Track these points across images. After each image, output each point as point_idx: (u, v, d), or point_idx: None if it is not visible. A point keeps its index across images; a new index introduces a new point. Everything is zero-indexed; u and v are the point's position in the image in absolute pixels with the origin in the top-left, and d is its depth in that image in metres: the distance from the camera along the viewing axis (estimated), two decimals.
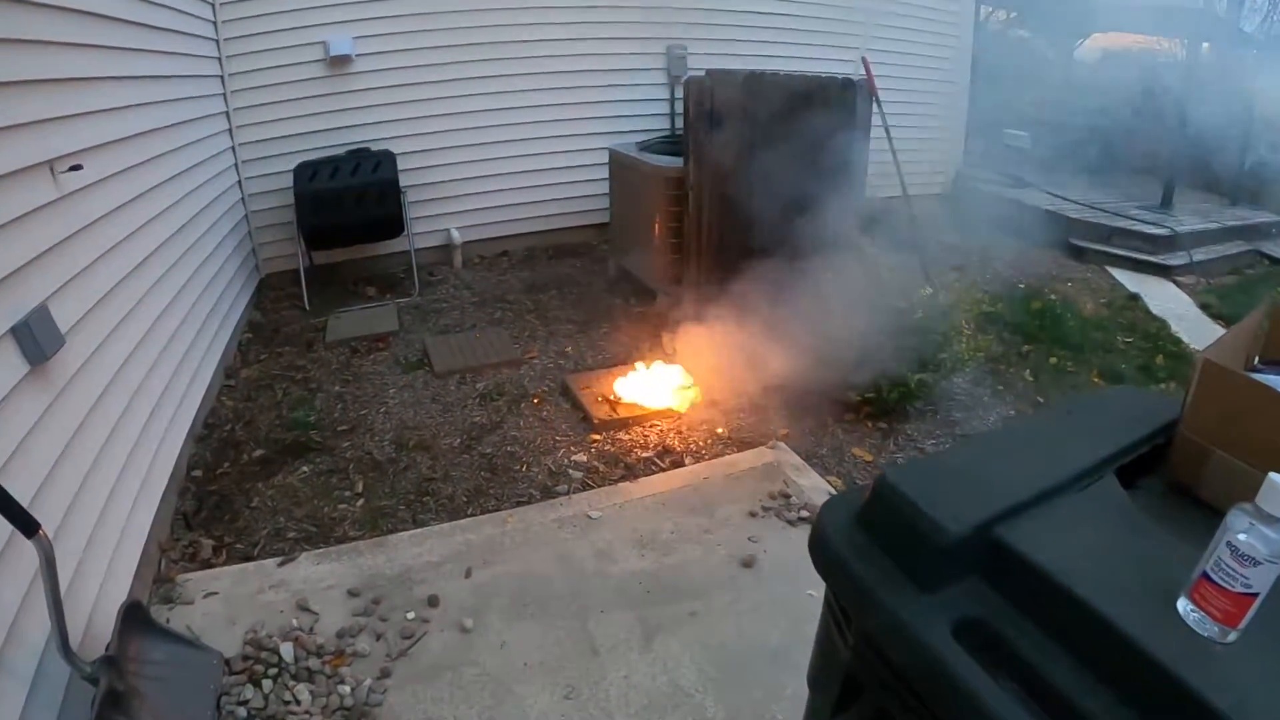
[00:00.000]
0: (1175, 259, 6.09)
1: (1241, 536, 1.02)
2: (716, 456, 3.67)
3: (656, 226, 4.90)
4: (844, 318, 4.17)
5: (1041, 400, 4.25)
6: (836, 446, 3.81)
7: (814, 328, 4.59)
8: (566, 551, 3.06)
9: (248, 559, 2.99)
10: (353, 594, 2.80)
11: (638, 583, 2.92)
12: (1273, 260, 6.37)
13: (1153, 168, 7.50)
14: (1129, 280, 6.02)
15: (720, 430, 3.87)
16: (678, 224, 4.76)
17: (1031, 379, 4.38)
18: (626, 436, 3.79)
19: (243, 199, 5.37)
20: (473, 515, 3.26)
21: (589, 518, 3.23)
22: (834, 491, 3.40)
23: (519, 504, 3.34)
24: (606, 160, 5.63)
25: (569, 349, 4.72)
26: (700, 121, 4.27)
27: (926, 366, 3.93)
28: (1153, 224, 6.34)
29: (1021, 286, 5.72)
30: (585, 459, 3.62)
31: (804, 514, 3.26)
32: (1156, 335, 5.08)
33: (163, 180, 3.75)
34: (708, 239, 4.51)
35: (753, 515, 3.27)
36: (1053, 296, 5.45)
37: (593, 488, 3.43)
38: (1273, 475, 1.01)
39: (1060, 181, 7.42)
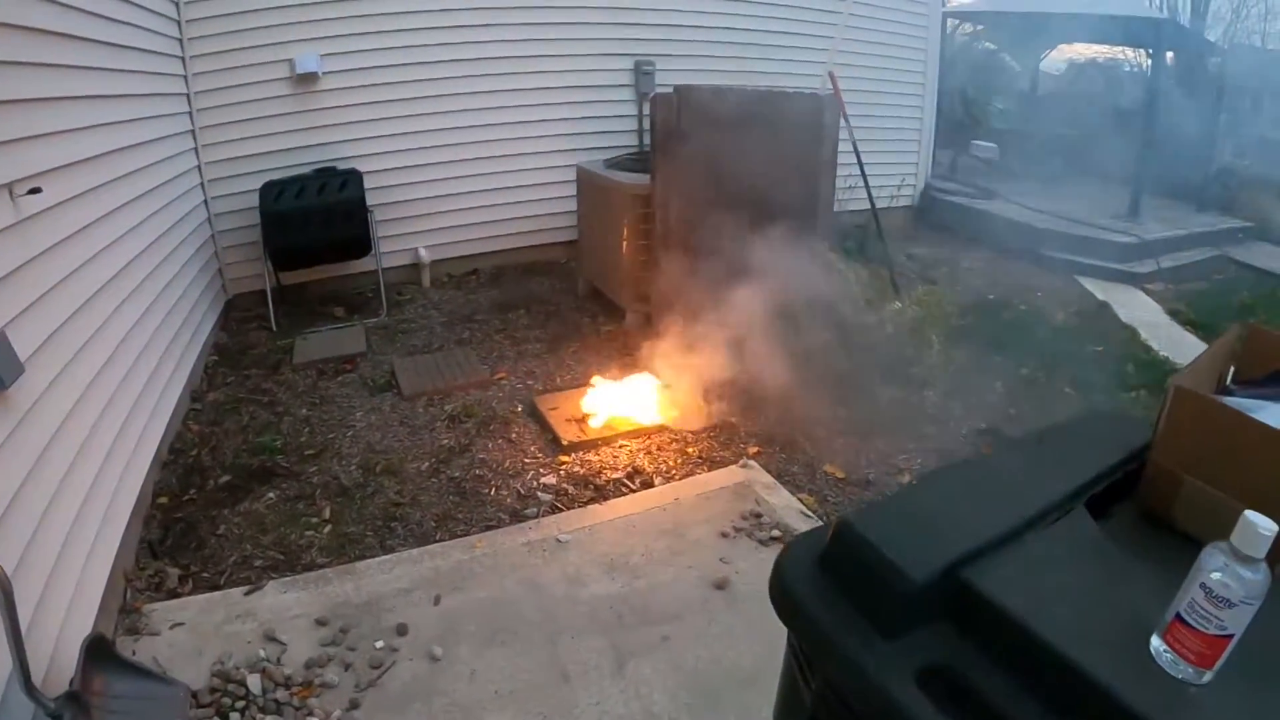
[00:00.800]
0: (1143, 266, 6.13)
1: (1215, 576, 0.98)
2: (687, 476, 3.61)
3: (624, 244, 4.85)
4: (813, 334, 4.15)
5: (1013, 412, 4.24)
6: (808, 463, 3.77)
7: (783, 345, 4.57)
8: (536, 576, 2.98)
9: (214, 588, 2.89)
10: (320, 623, 2.71)
11: (609, 607, 2.85)
12: (1240, 265, 6.43)
13: (1119, 176, 7.60)
14: (1098, 289, 6.05)
15: (690, 450, 3.82)
16: (645, 241, 4.72)
17: (1002, 390, 4.36)
18: (596, 458, 3.73)
19: (209, 219, 5.25)
20: (441, 540, 3.17)
21: (558, 541, 3.16)
22: (805, 511, 3.36)
23: (488, 528, 3.25)
24: (574, 178, 5.59)
25: (538, 369, 4.65)
26: (667, 138, 4.23)
27: (897, 381, 3.90)
28: (1120, 232, 6.39)
29: (991, 298, 5.74)
30: (554, 481, 3.55)
31: (775, 534, 3.21)
32: (1127, 343, 5.10)
33: (126, 201, 3.63)
34: (675, 257, 4.46)
35: (724, 536, 3.21)
36: (1022, 307, 5.47)
37: (562, 510, 3.36)
38: (1248, 514, 0.97)
39: (1028, 191, 7.47)
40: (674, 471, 3.65)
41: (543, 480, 3.55)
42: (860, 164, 5.22)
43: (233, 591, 2.87)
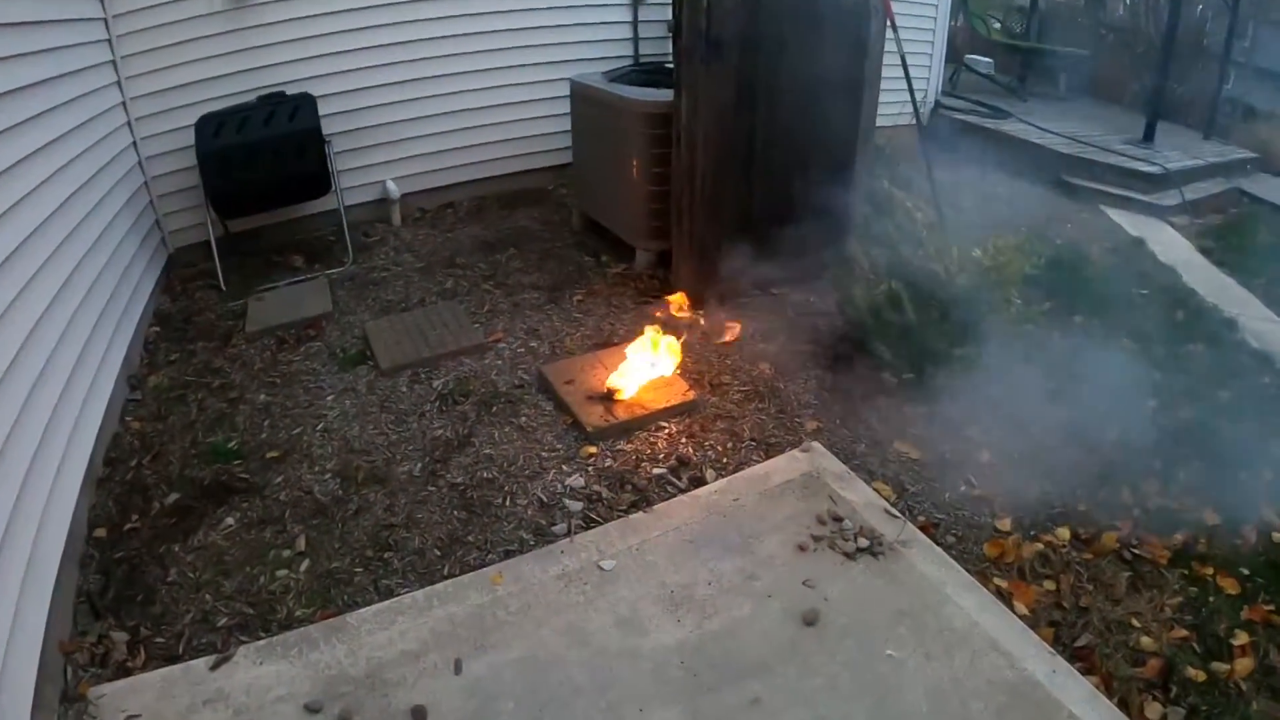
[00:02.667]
0: (1168, 199, 5.49)
1: None
2: (741, 465, 2.87)
3: (635, 172, 3.94)
4: (869, 282, 3.38)
5: (1079, 368, 3.57)
6: (875, 440, 3.06)
7: (831, 295, 3.81)
8: (580, 622, 2.25)
9: (172, 659, 2.14)
10: (312, 709, 1.97)
11: (678, 661, 2.14)
12: (1252, 199, 5.85)
13: (1127, 98, 6.83)
14: (1126, 221, 5.37)
15: (741, 428, 3.06)
16: (662, 169, 3.81)
17: (1060, 340, 3.64)
18: (630, 446, 2.94)
19: (139, 163, 4.11)
20: (451, 575, 2.40)
21: (601, 569, 2.41)
22: (889, 509, 2.66)
23: (508, 554, 2.48)
24: (564, 94, 4.56)
25: (540, 326, 3.77)
26: (695, 47, 3.28)
27: (969, 338, 3.19)
28: (1143, 160, 5.70)
29: (1023, 230, 5.00)
30: (583, 482, 2.76)
31: (863, 543, 2.51)
32: (1171, 287, 4.43)
33: (25, 155, 2.68)
34: (702, 188, 3.59)
35: (802, 549, 2.50)
36: (1058, 241, 4.75)
37: (598, 523, 2.60)
38: None
39: (1033, 111, 6.69)
40: (725, 460, 2.90)
41: (568, 482, 2.76)
42: (908, 76, 4.32)
43: (196, 664, 2.10)
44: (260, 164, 4.05)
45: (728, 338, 3.58)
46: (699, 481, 2.78)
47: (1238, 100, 6.76)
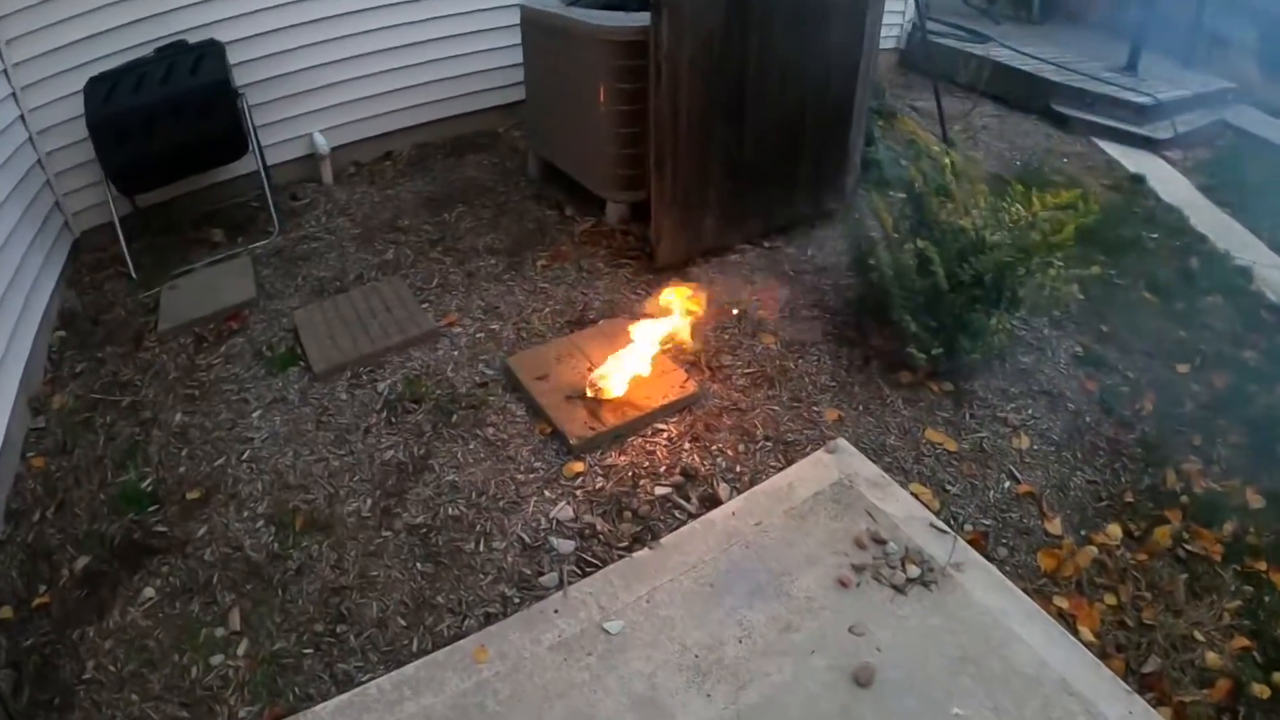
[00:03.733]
0: (1161, 131, 4.96)
1: None
2: (759, 474, 2.36)
3: (602, 113, 3.24)
4: (889, 239, 2.83)
5: (1105, 328, 3.13)
6: (904, 428, 2.58)
7: (847, 249, 3.26)
8: (588, 708, 1.77)
9: None
10: None
11: None
12: (1237, 131, 5.39)
13: (1104, 22, 6.19)
14: (1121, 155, 4.83)
15: (751, 423, 2.53)
16: (633, 108, 3.14)
17: (1082, 297, 3.18)
18: (624, 459, 2.40)
19: (30, 139, 3.26)
20: (422, 651, 1.89)
21: (606, 632, 1.92)
22: (936, 522, 2.22)
23: (488, 617, 1.97)
24: (514, 22, 3.74)
25: (501, 302, 3.13)
26: None
27: (1005, 306, 2.70)
28: (1133, 90, 5.14)
29: (1018, 164, 4.47)
30: (572, 512, 2.23)
31: (912, 572, 2.06)
32: (1180, 230, 3.97)
33: None
34: (688, 129, 2.94)
35: (844, 585, 2.05)
36: (1057, 179, 4.20)
37: (595, 566, 2.08)
38: None
39: (1008, 35, 6.04)
40: (739, 467, 2.39)
41: (554, 513, 2.22)
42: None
43: None
44: (161, 128, 3.23)
45: (721, 307, 3.04)
46: (711, 500, 2.27)
47: (1211, 29, 6.20)
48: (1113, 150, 4.80)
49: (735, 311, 3.00)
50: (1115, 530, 2.31)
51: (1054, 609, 2.06)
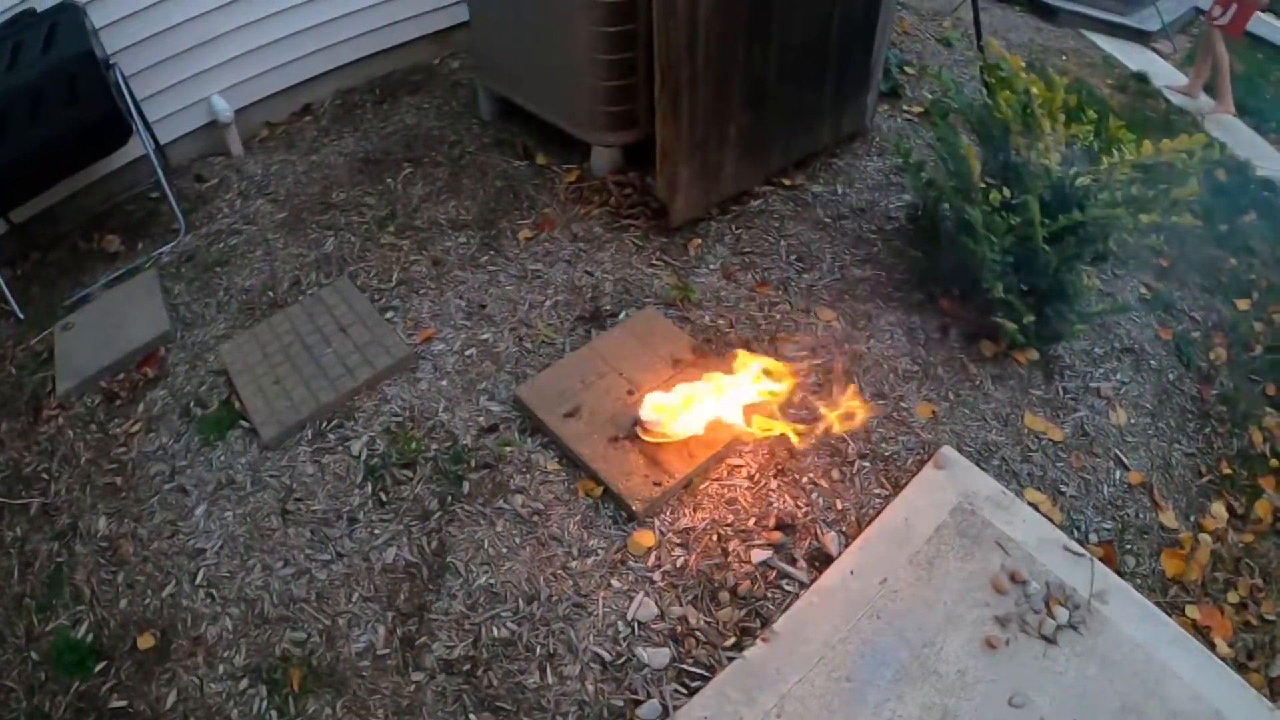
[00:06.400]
0: (1148, 22, 4.34)
1: None
2: (865, 509, 1.81)
3: (581, 32, 2.40)
4: (962, 190, 2.20)
5: (1163, 263, 2.66)
6: (1002, 416, 2.07)
7: (910, 188, 2.59)
8: None
9: None
10: None
11: None
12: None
13: None
14: (1116, 50, 4.19)
15: (843, 442, 1.95)
16: (625, 26, 2.31)
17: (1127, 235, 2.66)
18: (701, 516, 1.79)
19: None
20: None
21: None
22: (1069, 545, 1.78)
23: None
24: None
25: (487, 296, 2.35)
26: None
27: (1093, 260, 2.17)
28: None
29: (1025, 65, 3.76)
30: (655, 607, 1.64)
31: (1060, 614, 1.66)
32: (1185, 165, 3.46)
33: None
34: (707, 49, 2.16)
35: (993, 647, 1.62)
36: (1064, 78, 3.59)
37: (702, 678, 1.54)
38: None
39: None
40: (840, 501, 1.83)
41: (631, 612, 1.63)
42: None
43: None
44: (14, 129, 2.27)
45: (762, 278, 2.37)
46: (821, 558, 1.72)
47: None
48: (1105, 44, 4.20)
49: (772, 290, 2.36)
50: (1220, 510, 2.06)
51: (1189, 622, 1.81)
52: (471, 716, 1.51)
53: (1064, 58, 3.96)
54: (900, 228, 2.57)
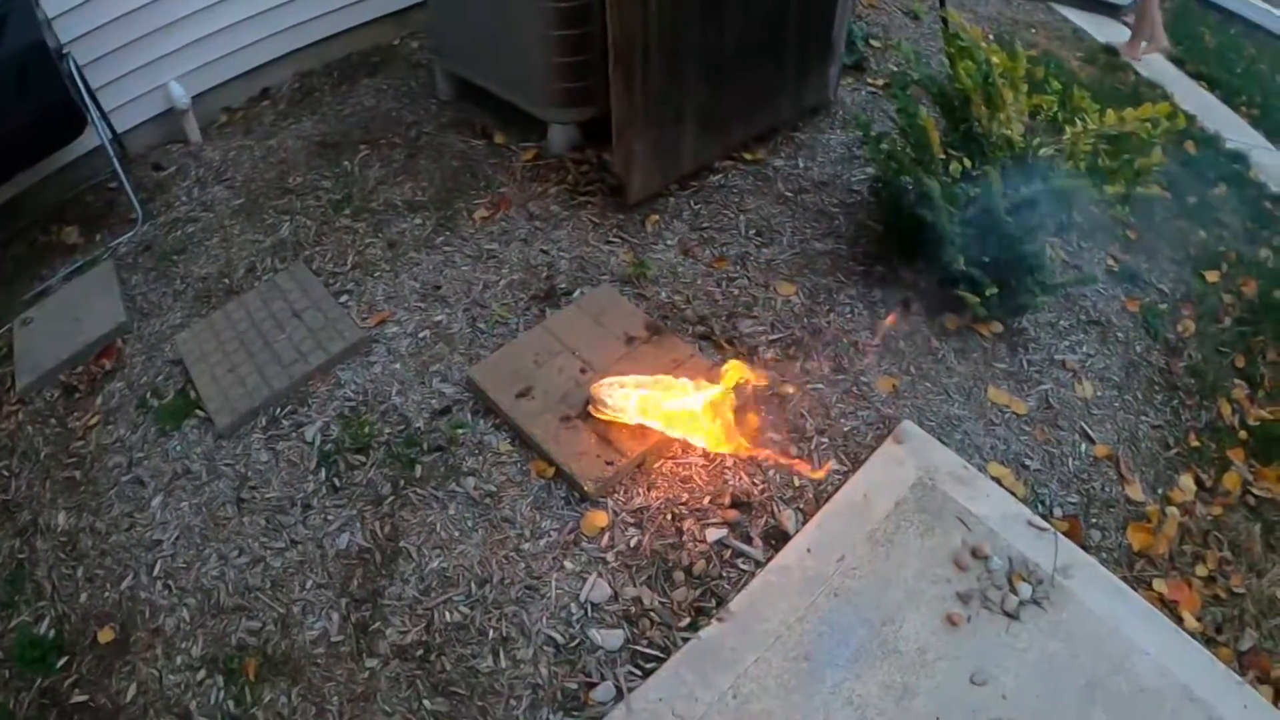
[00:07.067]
0: None
1: None
2: (823, 486, 1.78)
3: (532, 4, 2.31)
4: (923, 162, 2.15)
5: (1131, 235, 2.61)
6: (965, 390, 2.03)
7: (848, 163, 2.55)
8: None
9: None
10: None
11: None
12: None
13: None
14: (1086, 24, 4.07)
15: (796, 412, 1.92)
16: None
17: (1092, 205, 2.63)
18: (655, 495, 1.75)
19: None
20: None
21: None
22: (1033, 519, 1.75)
23: None
24: None
25: (441, 277, 2.29)
26: None
27: (1057, 232, 2.13)
28: None
29: (991, 38, 3.66)
30: (608, 588, 1.61)
31: (1023, 590, 1.64)
32: (1149, 134, 3.38)
33: None
34: (660, 19, 2.07)
35: (954, 623, 1.59)
36: (1032, 52, 3.48)
37: (657, 659, 1.51)
38: None
39: None
40: (801, 480, 1.80)
41: (585, 594, 1.60)
42: None
43: None
44: None
45: (716, 252, 2.33)
46: (778, 536, 1.69)
47: None
48: (1075, 17, 4.08)
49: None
50: (1188, 482, 2.04)
51: (1155, 595, 1.78)
52: (425, 702, 1.47)
53: (1033, 30, 3.87)
54: (862, 201, 2.51)
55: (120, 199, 2.70)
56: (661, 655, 1.52)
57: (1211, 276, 2.60)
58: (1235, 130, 3.46)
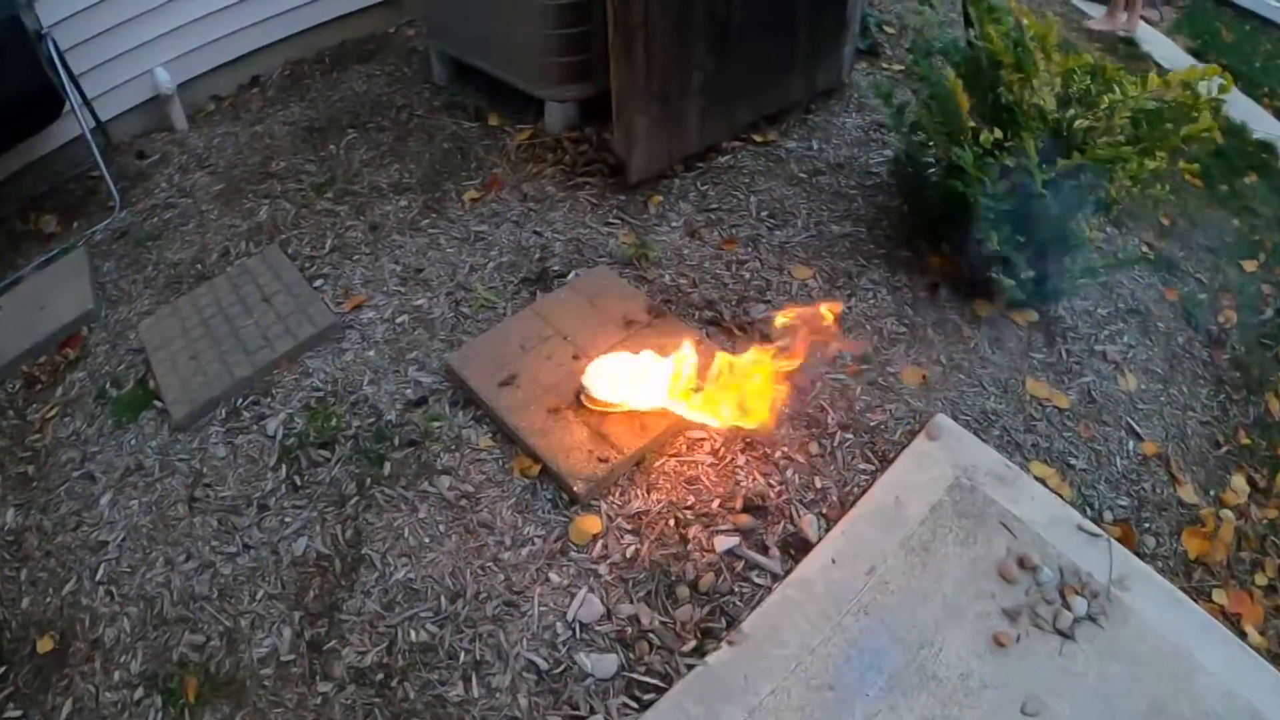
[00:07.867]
0: None
1: None
2: (849, 486, 1.54)
3: None
4: (950, 134, 1.93)
5: (1166, 222, 2.40)
6: (1001, 382, 1.79)
7: (865, 144, 2.34)
8: None
9: None
10: None
11: None
12: None
13: None
14: (1094, 10, 3.85)
15: (817, 405, 1.68)
16: None
17: (1130, 183, 2.41)
18: (656, 497, 1.52)
19: None
20: None
21: None
22: (1084, 524, 1.51)
23: None
24: None
25: (424, 260, 2.08)
26: None
27: (1095, 210, 1.91)
28: None
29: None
30: (599, 602, 1.37)
31: (1077, 605, 1.40)
32: (1194, 102, 3.21)
33: None
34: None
35: (1001, 644, 1.35)
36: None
37: (657, 690, 1.26)
38: None
39: None
40: (819, 479, 1.55)
41: (572, 611, 1.36)
42: None
43: None
44: None
45: (727, 235, 2.10)
46: (798, 545, 1.45)
47: None
48: (1086, 7, 3.92)
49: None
50: (1240, 483, 1.84)
51: (1216, 607, 1.58)
52: None
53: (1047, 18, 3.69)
54: (882, 183, 2.28)
55: (101, 188, 2.51)
56: (662, 685, 1.28)
57: (1249, 266, 2.40)
58: (1259, 121, 3.31)
